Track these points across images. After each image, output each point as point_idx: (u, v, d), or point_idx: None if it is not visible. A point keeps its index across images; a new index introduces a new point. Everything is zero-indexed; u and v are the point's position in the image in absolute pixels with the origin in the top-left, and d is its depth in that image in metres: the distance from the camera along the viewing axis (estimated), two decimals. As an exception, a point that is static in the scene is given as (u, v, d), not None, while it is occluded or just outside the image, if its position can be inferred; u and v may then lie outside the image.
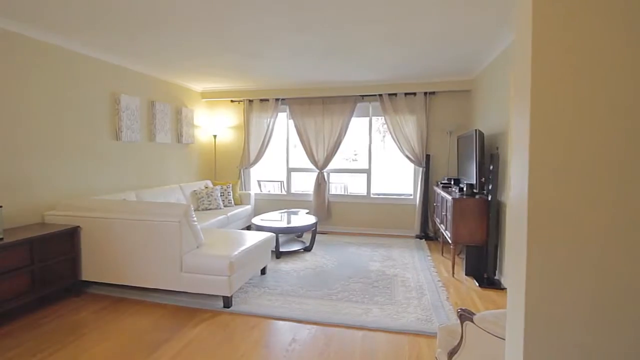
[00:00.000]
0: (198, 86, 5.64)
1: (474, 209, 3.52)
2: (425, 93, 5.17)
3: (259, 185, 6.42)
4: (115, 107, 4.10)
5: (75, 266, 3.10)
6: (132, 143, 4.39)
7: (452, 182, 4.45)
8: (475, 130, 3.55)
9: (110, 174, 4.07)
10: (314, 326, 2.61)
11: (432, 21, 2.94)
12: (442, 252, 4.43)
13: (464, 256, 3.78)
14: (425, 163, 5.21)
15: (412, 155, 5.24)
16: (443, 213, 4.06)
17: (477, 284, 3.39)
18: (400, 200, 5.53)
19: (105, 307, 3.00)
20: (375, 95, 5.34)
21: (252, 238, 3.43)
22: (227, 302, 2.87)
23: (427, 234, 5.26)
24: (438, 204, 4.69)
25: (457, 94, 5.15)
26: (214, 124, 6.03)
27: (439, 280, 3.48)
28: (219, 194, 5.26)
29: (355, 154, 7.16)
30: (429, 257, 4.27)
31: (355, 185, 6.56)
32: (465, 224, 3.55)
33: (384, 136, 7.67)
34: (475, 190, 3.61)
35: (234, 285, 2.87)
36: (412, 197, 5.50)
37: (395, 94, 5.25)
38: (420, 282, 3.43)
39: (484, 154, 3.75)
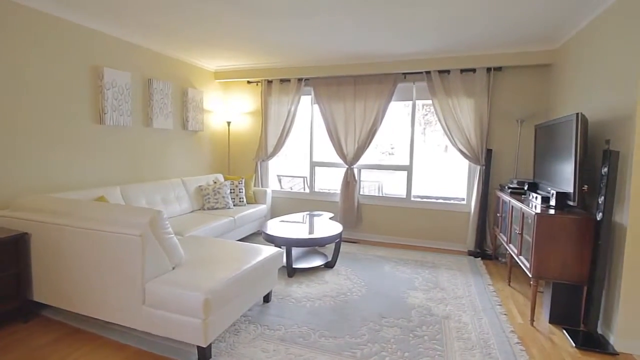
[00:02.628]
0: (210, 64, 4.84)
1: (572, 232, 2.38)
2: (488, 69, 3.98)
3: (279, 181, 5.58)
4: (97, 84, 3.37)
5: (21, 284, 2.39)
6: (121, 127, 3.66)
7: (527, 188, 3.29)
8: (577, 114, 2.39)
9: (91, 164, 3.37)
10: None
11: None
12: (509, 281, 3.30)
13: (546, 293, 2.65)
14: (485, 160, 4.04)
15: (468, 149, 4.09)
16: (516, 230, 2.93)
17: (571, 341, 2.28)
18: (450, 206, 4.41)
19: (57, 339, 2.28)
20: (421, 72, 4.23)
21: (252, 255, 2.55)
22: (203, 354, 2.01)
23: (484, 252, 4.11)
24: (504, 215, 3.54)
25: (532, 69, 3.91)
26: (228, 109, 5.22)
27: (512, 332, 2.40)
28: (228, 191, 4.46)
29: (392, 147, 6.06)
30: (491, 288, 3.17)
31: (392, 185, 5.50)
32: (556, 251, 2.42)
33: (424, 128, 6.48)
34: (571, 203, 2.46)
35: (211, 331, 2.00)
36: (464, 202, 4.37)
37: (447, 71, 4.11)
38: (484, 333, 2.37)
39: (587, 151, 2.57)
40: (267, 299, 2.78)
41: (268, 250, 2.69)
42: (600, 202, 2.23)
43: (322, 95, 4.65)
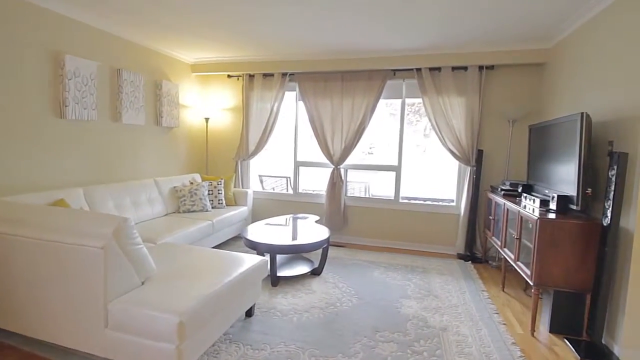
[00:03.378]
0: (186, 55, 4.50)
1: (576, 237, 2.26)
2: (481, 67, 3.87)
3: (261, 181, 5.30)
4: (57, 72, 2.99)
5: (-42, 305, 2.03)
6: (85, 122, 3.29)
7: (521, 190, 3.18)
8: (582, 114, 2.27)
9: (50, 163, 2.99)
10: None
11: None
12: (503, 287, 3.19)
13: (545, 301, 2.54)
14: (476, 161, 3.93)
15: (458, 149, 3.97)
16: (513, 235, 2.81)
17: (575, 353, 2.16)
18: (439, 208, 4.28)
19: (3, 368, 1.93)
20: (411, 69, 4.07)
21: (234, 265, 2.29)
22: (176, 384, 1.74)
23: (474, 255, 4.01)
24: (497, 218, 3.43)
25: (525, 69, 3.82)
26: (206, 105, 4.89)
27: (513, 344, 2.26)
28: (206, 192, 4.15)
29: (371, 147, 5.84)
30: (485, 294, 3.04)
31: (379, 186, 5.33)
32: (559, 258, 2.30)
33: (415, 124, 6.33)
34: (574, 207, 2.34)
35: (187, 358, 1.73)
36: (454, 204, 4.25)
37: (438, 68, 3.97)
38: (485, 346, 2.22)
39: (591, 153, 2.46)
40: (249, 312, 2.52)
41: (251, 260, 2.44)
42: (607, 207, 2.11)
43: (308, 92, 4.41)
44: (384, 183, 5.13)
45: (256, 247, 3.08)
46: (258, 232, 3.33)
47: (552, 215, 2.37)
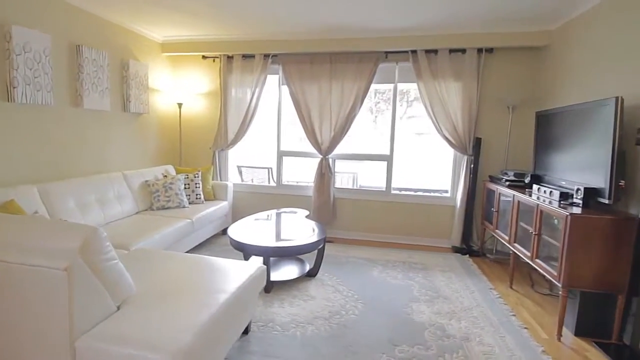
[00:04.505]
0: (155, 32, 3.92)
1: (610, 235, 2.09)
2: (480, 50, 3.65)
3: (240, 172, 4.86)
4: (3, 47, 2.41)
5: None
6: (39, 107, 2.72)
7: (529, 180, 3.02)
8: (617, 98, 2.08)
9: (-14, 156, 2.42)
10: None
11: None
12: (511, 284, 3.04)
13: (569, 302, 2.38)
14: (474, 150, 3.74)
15: (454, 137, 3.76)
16: (530, 230, 2.63)
17: None
18: (433, 200, 4.08)
19: None
20: (406, 51, 3.78)
21: (228, 276, 1.91)
22: None
23: (470, 248, 3.86)
24: (501, 211, 3.26)
25: (526, 52, 3.65)
26: (179, 89, 4.35)
27: (543, 352, 2.07)
28: (183, 186, 3.67)
29: (361, 135, 5.45)
30: (495, 293, 2.87)
31: (368, 177, 5.07)
32: (591, 257, 2.13)
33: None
34: (604, 201, 2.17)
35: (180, 407, 1.35)
36: (449, 195, 4.07)
37: (435, 51, 3.70)
38: (514, 357, 2.01)
39: (616, 140, 2.28)
40: (245, 329, 2.16)
41: (247, 269, 2.06)
42: (643, 200, 1.94)
43: (293, 75, 4.00)
44: (373, 173, 4.86)
45: (246, 249, 2.70)
46: (246, 231, 2.94)
47: (579, 210, 2.18)
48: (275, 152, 4.34)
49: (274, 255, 2.66)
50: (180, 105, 4.27)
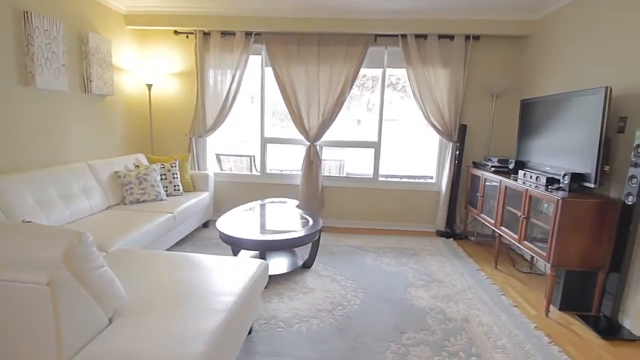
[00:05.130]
0: (119, 2, 3.49)
1: (595, 217, 2.22)
2: (467, 37, 3.66)
3: (219, 161, 4.59)
4: None
5: None
6: (-21, 86, 2.31)
7: (513, 166, 3.12)
8: (607, 87, 2.16)
9: None
10: None
11: None
12: (496, 264, 3.17)
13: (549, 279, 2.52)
14: (459, 136, 3.80)
15: (441, 124, 3.79)
16: (518, 214, 2.72)
17: (594, 332, 2.15)
18: (419, 186, 4.13)
19: None
20: (395, 35, 3.70)
21: (230, 276, 1.77)
22: None
23: (454, 231, 3.97)
24: (486, 196, 3.37)
25: (510, 40, 3.71)
26: (148, 68, 3.95)
27: (536, 328, 2.18)
28: (159, 177, 3.39)
29: (349, 121, 5.31)
30: (482, 274, 2.98)
31: (354, 164, 5.02)
32: (578, 238, 2.25)
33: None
34: (590, 185, 2.28)
35: None
36: (433, 181, 4.13)
37: (424, 36, 3.66)
38: (513, 335, 2.10)
39: (604, 128, 2.39)
40: (249, 329, 2.05)
41: (249, 266, 1.93)
42: (634, 184, 2.06)
43: (278, 56, 3.78)
44: (359, 160, 4.82)
45: (239, 244, 2.55)
46: (237, 224, 2.78)
47: (566, 194, 2.28)
48: (258, 139, 4.13)
49: (271, 249, 2.54)
50: (149, 86, 3.90)
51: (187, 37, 3.92)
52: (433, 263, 3.18)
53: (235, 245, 2.59)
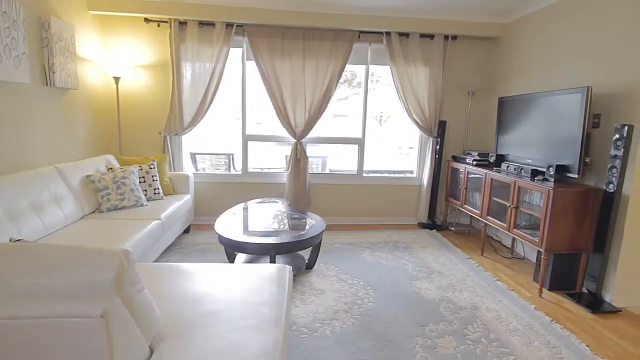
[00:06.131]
0: (77, -17, 3.07)
1: (581, 204, 2.47)
2: (446, 37, 3.82)
3: (194, 160, 4.30)
4: None
5: None
6: None
7: (494, 159, 3.34)
8: (587, 88, 2.40)
9: None
10: None
11: None
12: (482, 251, 3.39)
13: (529, 262, 2.77)
14: (439, 132, 3.98)
15: (422, 120, 3.94)
16: (507, 204, 2.93)
17: (586, 308, 2.40)
18: (401, 180, 4.26)
19: None
20: (379, 32, 3.75)
21: (259, 287, 1.67)
22: None
23: (435, 222, 4.17)
24: (469, 188, 3.57)
25: (484, 42, 3.96)
26: (114, 59, 3.54)
27: (535, 309, 2.38)
28: (137, 180, 3.07)
29: (333, 117, 5.24)
30: (473, 262, 3.17)
31: (337, 160, 5.00)
32: (567, 224, 2.48)
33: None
34: (573, 175, 2.53)
35: None
36: (414, 175, 4.29)
37: (407, 34, 3.75)
38: (519, 317, 2.26)
39: (586, 123, 2.65)
40: (274, 337, 1.95)
41: (276, 272, 1.84)
42: (612, 174, 2.32)
43: (262, 50, 3.62)
44: (342, 157, 4.82)
45: (245, 248, 2.42)
46: (236, 227, 2.63)
47: (552, 184, 2.50)
48: (239, 136, 3.93)
49: (282, 251, 2.45)
50: (117, 79, 3.50)
51: (158, 25, 3.58)
52: (426, 255, 3.31)
53: (240, 250, 2.45)
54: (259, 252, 2.43)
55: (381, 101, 4.25)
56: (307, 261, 2.91)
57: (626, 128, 2.25)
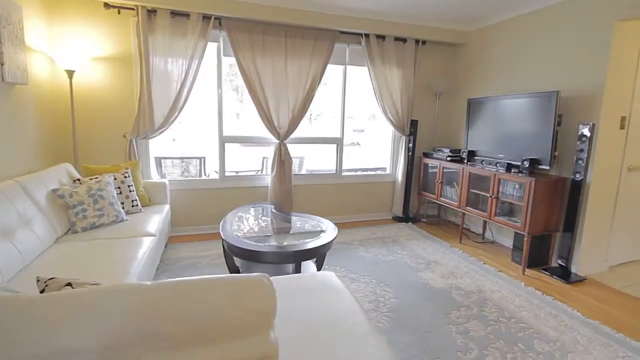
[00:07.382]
0: (18, -46, 2.50)
1: (555, 191, 2.88)
2: (417, 41, 4.07)
3: (159, 165, 3.84)
4: None
5: None
6: None
7: (465, 155, 3.69)
8: (558, 92, 2.81)
9: None
10: None
11: None
12: (460, 239, 3.72)
13: (506, 245, 3.15)
14: (411, 130, 4.24)
15: (396, 119, 4.15)
16: (487, 195, 3.26)
17: (561, 279, 2.82)
18: (376, 177, 4.43)
19: None
20: (358, 34, 3.82)
21: (327, 297, 1.61)
22: None
23: (408, 216, 4.44)
24: (444, 182, 3.88)
25: (449, 47, 4.31)
26: (66, 50, 2.97)
27: (525, 285, 2.73)
28: (114, 192, 2.66)
29: (311, 117, 5.17)
30: (457, 249, 3.47)
31: (314, 160, 4.94)
32: (544, 209, 2.88)
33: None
34: (545, 167, 2.94)
35: None
36: (388, 171, 4.49)
37: (383, 37, 3.90)
38: (518, 295, 2.57)
39: (556, 122, 3.08)
40: (323, 347, 1.90)
41: (329, 280, 1.79)
42: (580, 165, 2.76)
43: (242, 46, 3.41)
44: (320, 157, 4.79)
45: (263, 257, 2.28)
46: (245, 235, 2.46)
47: (527, 176, 2.88)
48: (215, 138, 3.65)
49: (304, 258, 2.36)
50: (70, 73, 2.94)
51: (118, 12, 3.11)
52: (415, 246, 3.51)
53: (258, 260, 2.30)
54: (279, 261, 2.31)
55: (354, 101, 4.34)
56: (315, 264, 2.86)
57: (590, 125, 2.70)
